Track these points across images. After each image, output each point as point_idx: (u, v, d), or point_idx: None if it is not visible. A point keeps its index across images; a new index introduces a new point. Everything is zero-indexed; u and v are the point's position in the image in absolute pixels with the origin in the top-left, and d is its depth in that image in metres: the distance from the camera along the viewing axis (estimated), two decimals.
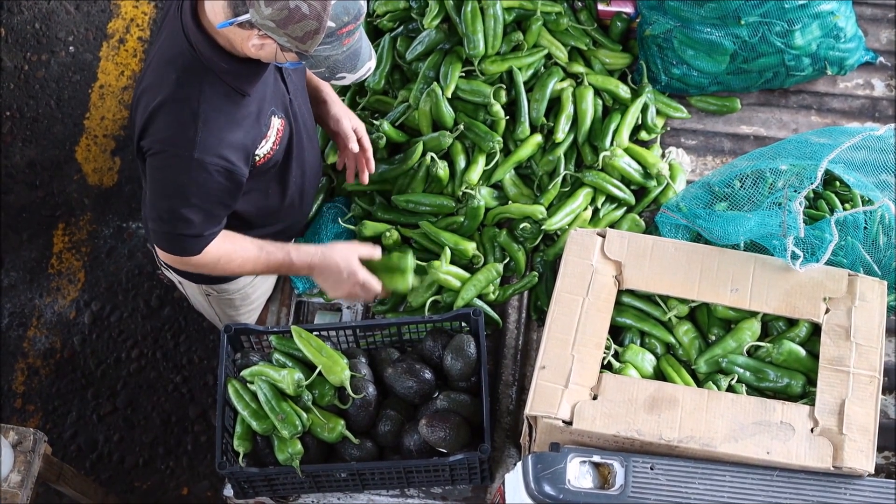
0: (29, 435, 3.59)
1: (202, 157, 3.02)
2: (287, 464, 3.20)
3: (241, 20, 2.86)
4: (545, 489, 2.85)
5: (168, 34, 3.07)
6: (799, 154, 3.37)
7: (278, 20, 2.83)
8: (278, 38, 2.88)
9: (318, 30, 2.85)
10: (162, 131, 3.03)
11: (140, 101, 3.09)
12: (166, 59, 3.04)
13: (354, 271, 3.35)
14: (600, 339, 3.07)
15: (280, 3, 2.80)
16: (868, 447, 2.90)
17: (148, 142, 3.06)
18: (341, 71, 3.00)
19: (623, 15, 3.94)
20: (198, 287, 3.61)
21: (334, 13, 2.84)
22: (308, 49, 2.89)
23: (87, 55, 5.32)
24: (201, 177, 3.05)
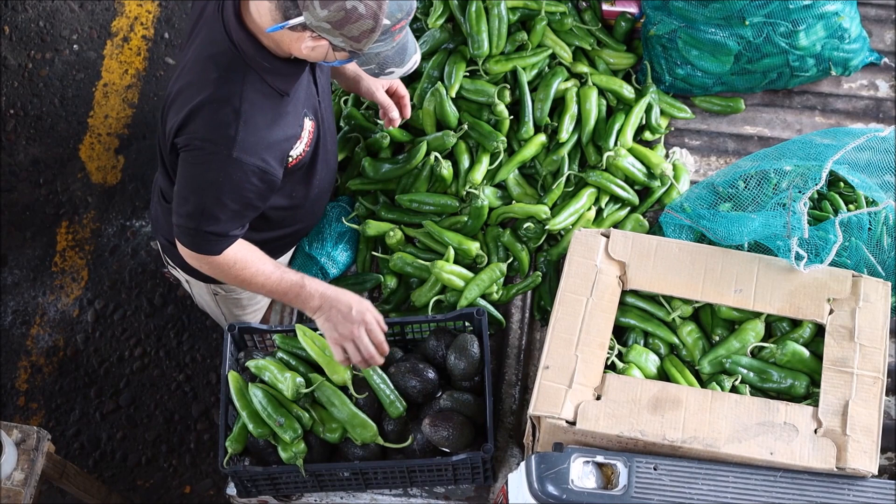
0: (32, 433, 3.59)
1: (240, 157, 2.99)
2: (290, 463, 3.20)
3: (294, 23, 2.86)
4: (548, 489, 2.85)
5: (207, 33, 3.05)
6: (803, 155, 3.37)
7: (334, 21, 2.82)
8: (333, 38, 2.87)
9: (374, 28, 2.84)
10: (202, 129, 3.00)
11: (176, 98, 3.06)
12: (206, 57, 3.02)
13: (363, 312, 3.17)
14: (604, 339, 3.07)
15: (336, 4, 2.79)
16: (871, 448, 2.90)
17: (185, 138, 3.03)
18: (390, 66, 3.00)
19: (627, 15, 3.94)
20: (206, 286, 3.61)
21: (389, 11, 2.84)
22: (362, 48, 2.89)
23: (90, 53, 5.32)
24: (236, 176, 3.02)
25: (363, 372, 3.26)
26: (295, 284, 3.19)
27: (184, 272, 3.58)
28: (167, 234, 3.47)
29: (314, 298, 3.18)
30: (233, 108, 2.98)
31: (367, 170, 3.70)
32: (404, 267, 3.61)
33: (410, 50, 3.03)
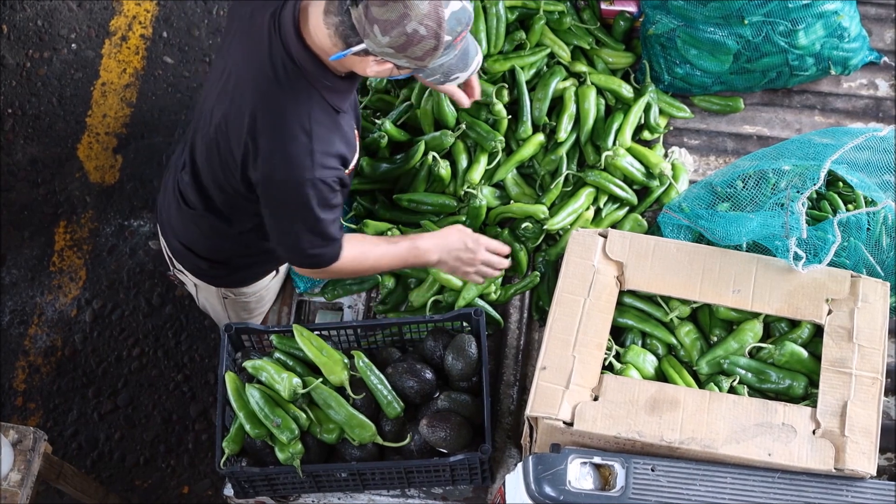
0: (29, 433, 3.59)
1: (322, 176, 3.04)
2: (288, 463, 3.19)
3: (357, 50, 2.88)
4: (546, 490, 2.84)
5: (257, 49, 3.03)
6: (802, 154, 3.36)
7: (397, 46, 2.84)
8: (397, 60, 2.89)
9: (436, 47, 2.86)
10: (278, 158, 3.03)
11: (235, 120, 3.05)
12: (263, 75, 3.01)
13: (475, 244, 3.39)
14: (601, 339, 3.06)
15: (397, 31, 2.81)
16: (870, 449, 2.89)
17: (262, 171, 3.05)
18: (455, 73, 3.04)
19: (626, 14, 3.93)
20: (216, 290, 3.62)
21: (449, 27, 2.85)
22: (427, 65, 2.92)
23: (89, 52, 5.32)
24: (323, 192, 3.07)
25: (360, 372, 3.25)
26: (409, 251, 3.35)
27: (195, 276, 3.58)
28: (183, 237, 3.47)
29: (431, 253, 3.36)
30: (304, 131, 3.00)
31: (365, 169, 3.69)
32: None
33: (472, 52, 3.05)
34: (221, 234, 3.39)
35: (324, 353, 3.26)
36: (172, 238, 3.52)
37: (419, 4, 2.79)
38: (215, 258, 3.49)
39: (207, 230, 3.40)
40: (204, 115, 3.22)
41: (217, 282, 3.58)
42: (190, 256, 3.51)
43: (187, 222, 3.43)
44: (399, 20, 2.80)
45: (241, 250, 3.46)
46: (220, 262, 3.50)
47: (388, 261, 3.36)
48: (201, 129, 3.24)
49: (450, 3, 2.84)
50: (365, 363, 3.26)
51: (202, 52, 5.28)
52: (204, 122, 3.22)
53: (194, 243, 3.47)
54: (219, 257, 3.49)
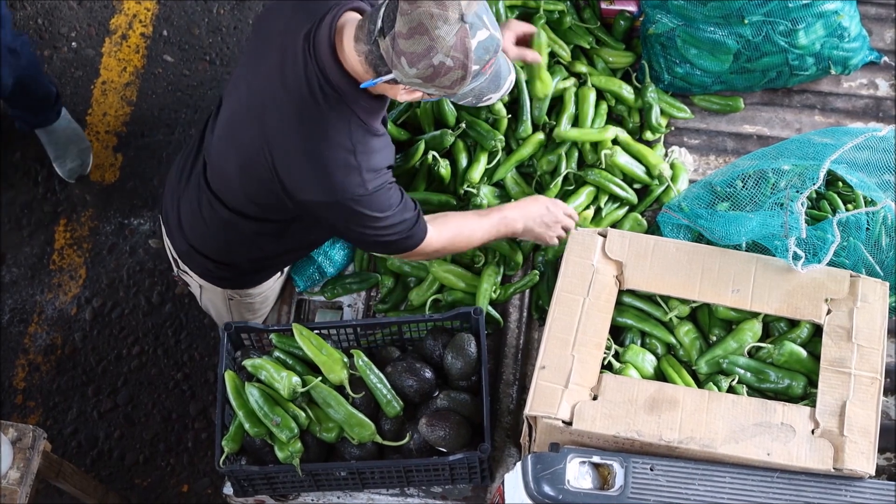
0: (28, 432, 3.58)
1: (374, 187, 3.08)
2: (287, 462, 3.19)
3: (387, 79, 2.91)
4: (544, 489, 2.84)
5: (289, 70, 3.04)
6: (802, 154, 3.36)
7: (425, 77, 2.86)
8: (426, 89, 2.92)
9: (464, 77, 2.87)
10: (328, 182, 3.05)
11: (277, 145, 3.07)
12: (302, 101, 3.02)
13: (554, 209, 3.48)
14: (601, 339, 3.06)
15: (424, 63, 2.82)
16: (869, 449, 2.89)
17: (316, 195, 3.09)
18: (487, 94, 3.03)
19: (626, 13, 3.93)
20: (222, 292, 3.61)
21: (476, 56, 2.86)
22: (456, 92, 2.93)
23: (89, 51, 5.31)
24: (381, 198, 3.12)
25: (360, 371, 3.26)
26: (500, 222, 3.42)
27: (201, 277, 3.58)
28: (192, 239, 3.48)
29: (517, 222, 3.44)
30: (349, 152, 3.04)
31: None
32: (402, 266, 3.61)
33: (504, 73, 3.04)
34: (237, 236, 3.39)
35: (323, 352, 3.26)
36: (180, 239, 3.51)
37: (445, 37, 2.81)
38: (224, 260, 3.49)
39: (221, 233, 3.39)
40: (230, 128, 3.22)
41: (224, 283, 3.58)
42: (198, 258, 3.50)
43: (199, 224, 3.42)
44: (426, 53, 2.82)
45: (253, 252, 3.46)
46: (229, 264, 3.50)
47: (481, 235, 3.41)
48: (228, 143, 3.23)
49: (477, 34, 2.84)
50: (364, 362, 3.26)
51: (202, 51, 5.28)
52: (229, 137, 3.21)
53: (205, 246, 3.47)
54: (228, 259, 3.48)
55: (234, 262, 3.49)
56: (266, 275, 3.58)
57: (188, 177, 3.42)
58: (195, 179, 3.39)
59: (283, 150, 3.07)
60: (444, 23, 2.80)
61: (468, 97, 3.01)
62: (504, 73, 3.04)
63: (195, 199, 3.39)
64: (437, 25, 2.80)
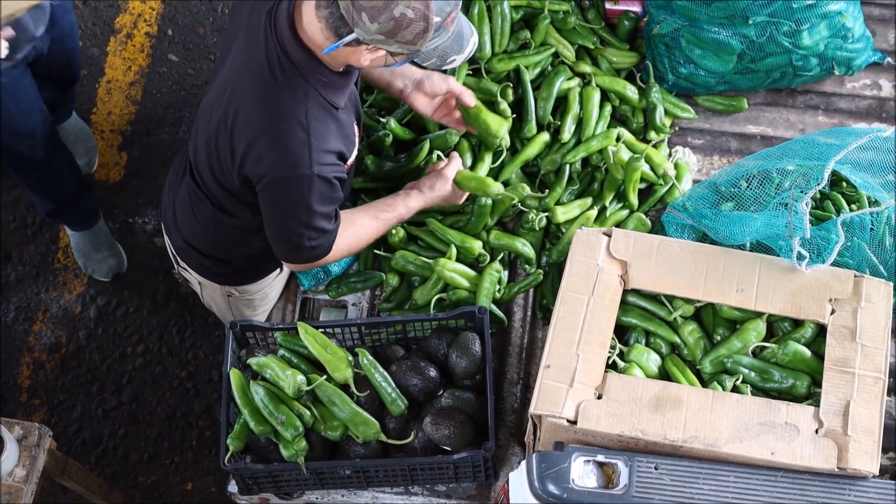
0: (34, 429, 3.59)
1: (320, 172, 3.06)
2: (292, 460, 3.20)
3: (348, 40, 2.89)
4: (549, 488, 2.85)
5: (253, 49, 3.04)
6: (806, 154, 3.36)
7: (387, 31, 2.84)
8: (388, 47, 2.90)
9: (426, 29, 2.86)
10: (276, 155, 3.04)
11: (235, 120, 3.07)
12: (260, 75, 3.03)
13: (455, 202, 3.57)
14: (605, 338, 3.07)
15: (385, 15, 2.82)
16: (873, 448, 2.90)
17: (261, 168, 3.07)
18: (451, 55, 3.02)
19: (631, 14, 3.94)
20: (220, 288, 3.63)
21: (437, 7, 2.85)
22: (419, 48, 2.92)
23: (94, 50, 5.32)
24: (322, 188, 3.10)
25: (364, 370, 3.26)
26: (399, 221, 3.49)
27: (199, 274, 3.59)
28: (187, 235, 3.50)
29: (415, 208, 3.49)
30: (302, 127, 3.02)
31: (369, 167, 3.69)
32: (406, 265, 3.61)
33: (467, 34, 3.04)
34: (224, 231, 3.40)
35: (328, 351, 3.26)
36: (176, 236, 3.54)
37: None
38: (219, 256, 3.50)
39: (210, 228, 3.41)
40: (204, 114, 3.24)
41: (221, 280, 3.59)
42: (194, 254, 3.52)
43: (190, 220, 3.44)
44: (386, 5, 2.81)
45: (244, 248, 3.47)
46: (224, 260, 3.51)
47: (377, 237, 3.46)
48: (202, 128, 3.26)
49: None
50: (369, 361, 3.27)
51: (207, 50, 5.29)
52: (204, 121, 3.24)
53: (198, 241, 3.49)
54: (222, 255, 3.50)
55: (228, 259, 3.50)
56: (262, 271, 3.58)
57: (182, 173, 3.44)
58: (186, 176, 3.41)
59: (241, 125, 3.06)
60: None
61: (432, 57, 3.00)
62: (467, 33, 3.03)
63: (187, 195, 3.41)
64: None
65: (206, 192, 3.33)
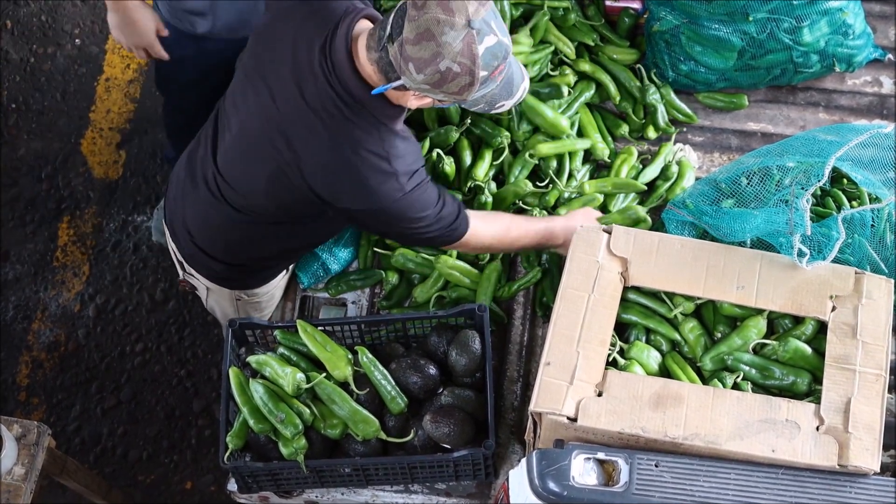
0: (33, 428, 3.59)
1: (412, 188, 3.11)
2: (291, 458, 3.19)
3: (396, 85, 2.91)
4: (549, 486, 2.85)
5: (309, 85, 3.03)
6: (806, 151, 3.36)
7: (432, 83, 2.86)
8: (435, 95, 2.92)
9: (472, 83, 2.87)
10: (366, 190, 3.08)
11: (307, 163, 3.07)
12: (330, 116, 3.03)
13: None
14: (605, 335, 3.06)
15: (430, 69, 2.83)
16: (874, 446, 2.90)
17: (356, 205, 3.12)
18: (499, 101, 3.04)
19: (631, 10, 3.93)
20: (229, 293, 3.62)
21: (484, 62, 2.85)
22: (465, 98, 2.93)
23: (93, 48, 5.32)
24: (419, 199, 3.15)
25: (364, 368, 3.26)
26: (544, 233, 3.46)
27: (208, 279, 3.58)
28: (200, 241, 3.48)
29: (558, 238, 3.46)
30: (383, 159, 3.06)
31: None
32: (406, 263, 3.60)
33: (517, 80, 3.04)
34: (247, 238, 3.39)
35: (328, 349, 3.26)
36: (186, 243, 3.51)
37: (452, 43, 2.81)
38: (233, 261, 3.48)
39: (230, 235, 3.38)
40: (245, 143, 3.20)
41: (232, 284, 3.58)
42: (205, 260, 3.50)
43: (206, 228, 3.41)
44: (432, 59, 2.82)
45: (261, 252, 3.46)
46: (238, 265, 3.49)
47: (526, 241, 3.46)
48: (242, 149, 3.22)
49: (484, 39, 2.83)
50: (369, 359, 3.26)
51: None
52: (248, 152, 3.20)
53: (212, 247, 3.46)
54: (237, 260, 3.48)
55: (242, 263, 3.49)
56: (273, 272, 3.58)
57: (194, 183, 3.39)
58: (204, 187, 3.35)
59: (316, 165, 3.07)
60: (450, 28, 2.80)
61: (480, 104, 3.01)
62: (517, 79, 3.04)
63: (204, 206, 3.37)
64: (443, 31, 2.80)
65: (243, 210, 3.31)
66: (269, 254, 3.47)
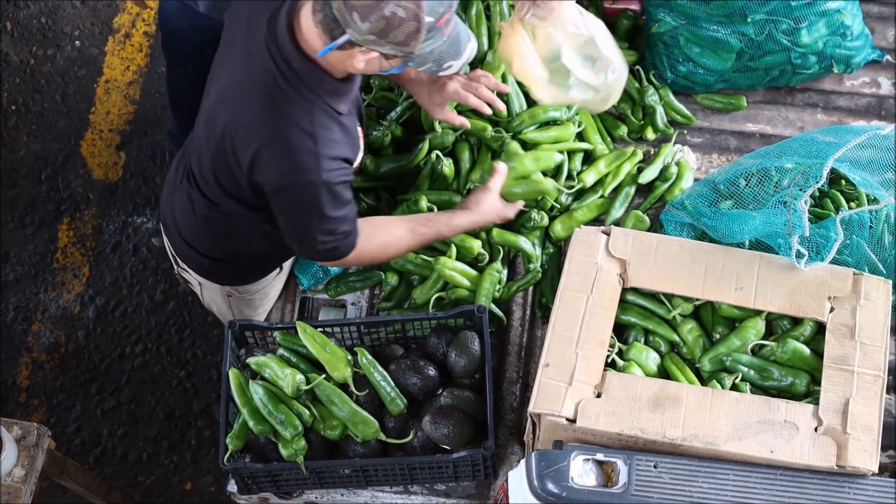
0: (32, 429, 3.59)
1: (328, 178, 3.06)
2: (291, 460, 3.20)
3: (341, 42, 2.88)
4: (548, 487, 2.85)
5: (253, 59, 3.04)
6: (804, 152, 3.36)
7: (378, 31, 2.83)
8: (381, 48, 2.89)
9: (418, 29, 2.84)
10: (284, 164, 3.05)
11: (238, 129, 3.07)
12: (262, 88, 3.03)
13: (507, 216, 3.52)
14: (604, 337, 3.06)
15: (375, 15, 2.80)
16: (872, 446, 2.90)
17: (268, 176, 3.08)
18: (447, 60, 3.00)
19: (629, 12, 3.94)
20: (220, 289, 3.62)
21: (429, 7, 2.83)
22: (413, 50, 2.90)
23: (92, 50, 5.32)
24: (331, 193, 3.10)
25: (363, 369, 3.26)
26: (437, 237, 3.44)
27: (198, 275, 3.59)
28: (187, 236, 3.49)
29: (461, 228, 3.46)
30: (309, 136, 3.02)
31: (368, 167, 3.69)
32: (405, 264, 3.61)
33: (464, 39, 3.02)
34: (225, 233, 3.40)
35: (327, 350, 3.26)
36: (176, 237, 3.53)
37: None
38: (219, 256, 3.50)
39: (211, 230, 3.40)
40: (204, 122, 3.23)
41: (222, 280, 3.59)
42: (194, 255, 3.52)
43: (191, 222, 3.43)
44: (376, 4, 2.80)
45: (245, 249, 3.47)
46: (224, 261, 3.51)
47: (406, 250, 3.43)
48: (203, 137, 3.25)
49: None
50: (368, 360, 3.27)
51: None
52: (204, 130, 3.23)
53: (198, 242, 3.48)
54: (222, 256, 3.50)
55: (228, 259, 3.50)
56: (263, 271, 3.58)
57: (181, 176, 3.43)
58: (184, 178, 3.40)
59: (246, 135, 3.06)
60: None
61: (428, 62, 2.98)
62: (464, 39, 3.01)
63: (186, 196, 3.41)
64: None
65: (209, 197, 3.32)
66: (250, 249, 3.47)
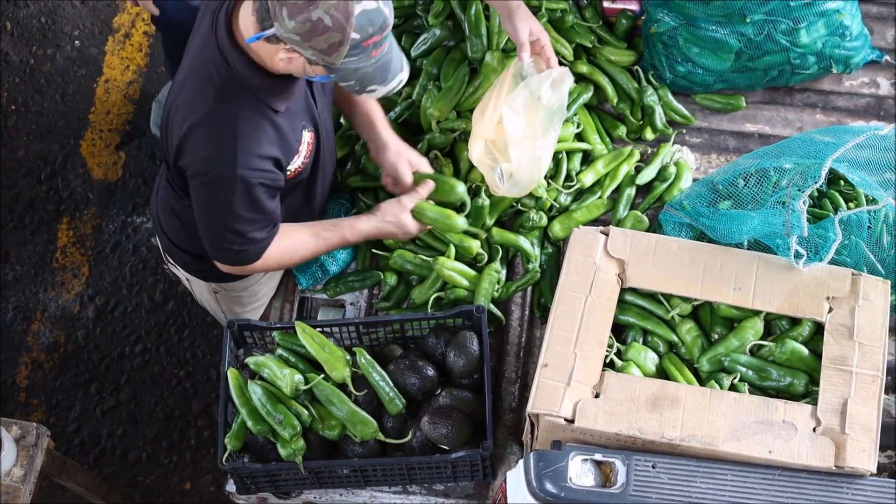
0: (32, 429, 3.59)
1: (244, 175, 3.04)
2: (290, 460, 3.20)
3: (268, 34, 2.88)
4: (547, 487, 2.85)
5: (200, 49, 3.07)
6: (803, 153, 3.36)
7: (302, 33, 2.83)
8: (304, 51, 2.88)
9: (342, 42, 2.84)
10: (202, 150, 3.05)
11: (174, 117, 3.10)
12: (200, 75, 3.05)
13: (409, 231, 3.50)
14: (603, 337, 3.07)
15: (302, 16, 2.80)
16: (870, 446, 2.90)
17: (188, 161, 3.09)
18: (371, 84, 2.99)
19: (628, 12, 3.93)
20: (206, 285, 3.63)
21: (358, 24, 2.82)
22: (334, 62, 2.89)
23: (92, 49, 5.32)
24: (246, 192, 3.08)
25: (362, 369, 3.26)
26: (340, 245, 3.46)
27: (184, 271, 3.59)
28: (168, 232, 3.49)
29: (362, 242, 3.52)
30: (228, 128, 3.01)
31: (367, 166, 3.70)
32: (404, 264, 3.61)
33: (395, 68, 3.01)
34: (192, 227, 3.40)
35: (326, 350, 3.26)
36: (162, 234, 3.56)
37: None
38: (198, 252, 3.49)
39: (186, 225, 3.41)
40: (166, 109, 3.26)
41: (205, 276, 3.59)
42: (177, 251, 3.54)
43: (171, 218, 3.46)
44: (306, 5, 2.79)
45: None
46: (201, 256, 3.50)
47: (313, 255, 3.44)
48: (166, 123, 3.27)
49: (363, 2, 2.81)
50: (367, 360, 3.27)
51: None
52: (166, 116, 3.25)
53: (178, 238, 3.50)
54: (200, 252, 3.48)
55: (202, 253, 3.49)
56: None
57: (162, 168, 3.46)
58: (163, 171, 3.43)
59: (178, 122, 3.07)
60: None
61: (351, 79, 2.97)
62: (395, 67, 3.00)
63: (164, 190, 3.44)
64: None
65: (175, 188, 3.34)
66: None
